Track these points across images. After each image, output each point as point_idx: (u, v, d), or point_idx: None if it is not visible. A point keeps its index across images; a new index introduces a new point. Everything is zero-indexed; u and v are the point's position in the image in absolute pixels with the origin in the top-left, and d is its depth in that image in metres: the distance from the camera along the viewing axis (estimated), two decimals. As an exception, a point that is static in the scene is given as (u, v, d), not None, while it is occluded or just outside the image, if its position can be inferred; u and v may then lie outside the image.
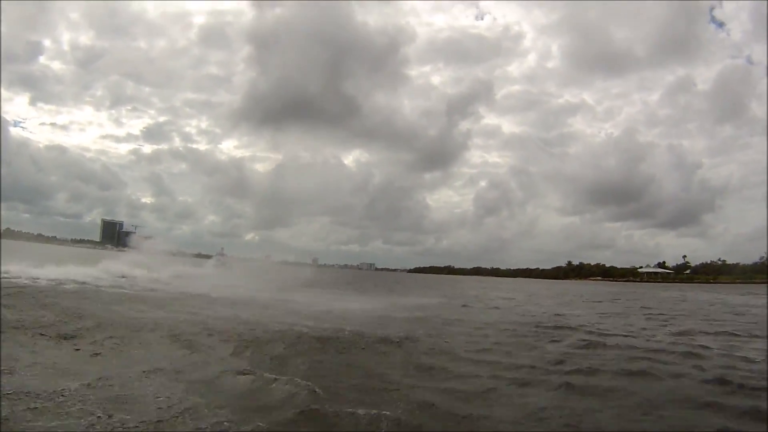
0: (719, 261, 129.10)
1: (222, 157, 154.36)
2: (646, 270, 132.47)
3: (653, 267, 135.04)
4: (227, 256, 43.46)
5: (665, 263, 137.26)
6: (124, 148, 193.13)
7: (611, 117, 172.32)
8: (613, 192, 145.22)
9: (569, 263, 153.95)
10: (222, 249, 43.08)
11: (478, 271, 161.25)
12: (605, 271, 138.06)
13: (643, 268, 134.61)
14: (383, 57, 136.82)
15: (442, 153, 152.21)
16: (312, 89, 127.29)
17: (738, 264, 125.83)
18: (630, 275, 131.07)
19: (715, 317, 20.04)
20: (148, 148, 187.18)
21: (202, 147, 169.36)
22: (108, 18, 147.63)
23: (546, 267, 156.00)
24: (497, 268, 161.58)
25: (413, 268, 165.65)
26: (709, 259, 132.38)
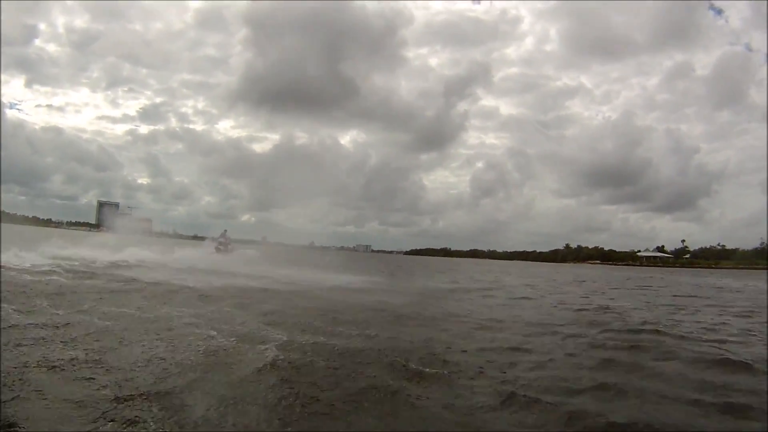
0: (719, 246, 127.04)
1: (218, 137, 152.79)
2: (645, 254, 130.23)
3: (652, 251, 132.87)
4: (230, 239, 39.26)
5: (664, 247, 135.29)
6: (120, 128, 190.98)
7: (609, 100, 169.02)
8: (610, 175, 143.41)
9: (567, 246, 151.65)
10: (225, 231, 39.48)
11: (474, 254, 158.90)
12: (604, 255, 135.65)
13: (642, 252, 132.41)
14: (381, 39, 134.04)
15: (439, 134, 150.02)
16: (309, 70, 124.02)
17: (737, 249, 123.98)
18: (629, 259, 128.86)
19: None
20: (144, 128, 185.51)
21: (198, 127, 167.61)
22: (103, 1, 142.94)
23: (542, 249, 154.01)
24: (494, 250, 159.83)
25: (409, 249, 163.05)
26: (706, 244, 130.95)
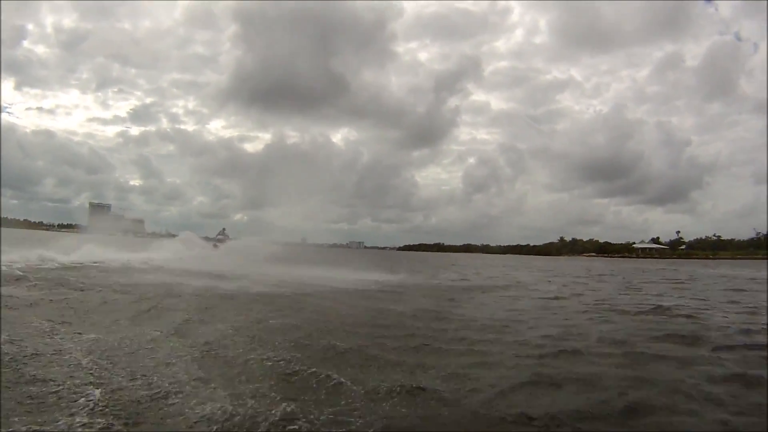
0: (714, 236, 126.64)
1: (210, 138, 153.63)
2: (641, 246, 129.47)
3: (647, 243, 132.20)
4: (227, 237, 37.93)
5: (659, 239, 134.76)
6: (111, 130, 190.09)
7: (599, 93, 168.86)
8: (602, 168, 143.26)
9: (562, 239, 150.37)
10: (224, 229, 38.42)
11: (468, 248, 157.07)
12: (600, 247, 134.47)
13: (638, 243, 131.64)
14: (370, 33, 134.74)
15: (430, 130, 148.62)
16: (299, 67, 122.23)
17: (733, 240, 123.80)
18: (625, 251, 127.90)
19: None
20: (135, 130, 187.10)
21: (189, 128, 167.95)
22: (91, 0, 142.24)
23: (535, 243, 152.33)
24: (487, 244, 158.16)
25: (402, 245, 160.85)
26: (699, 236, 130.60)
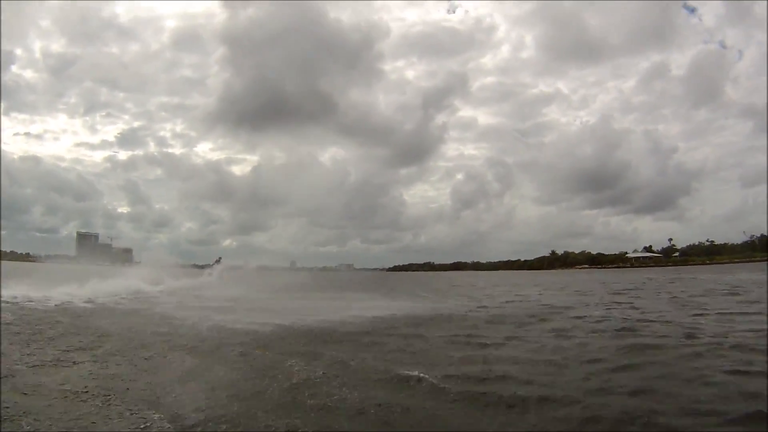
0: (707, 242, 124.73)
1: (198, 161, 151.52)
2: (634, 255, 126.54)
3: (641, 252, 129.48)
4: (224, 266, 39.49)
5: (651, 247, 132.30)
6: (99, 155, 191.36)
7: (586, 105, 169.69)
8: (590, 179, 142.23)
9: (553, 252, 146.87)
10: (220, 258, 38.23)
11: (458, 266, 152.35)
12: (593, 259, 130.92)
13: (631, 253, 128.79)
14: (357, 53, 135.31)
15: (418, 147, 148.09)
16: (287, 88, 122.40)
17: (726, 244, 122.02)
18: (619, 261, 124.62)
19: None
20: (123, 154, 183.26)
21: (177, 151, 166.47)
22: (79, 24, 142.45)
23: (525, 257, 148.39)
24: (478, 261, 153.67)
25: (392, 266, 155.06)
26: (690, 242, 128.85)
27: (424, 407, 6.04)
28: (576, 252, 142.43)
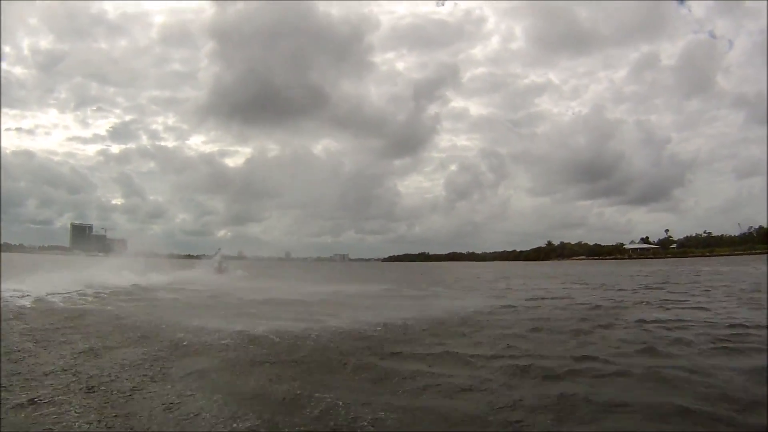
0: (704, 233, 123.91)
1: (190, 153, 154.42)
2: (632, 246, 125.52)
3: (638, 243, 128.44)
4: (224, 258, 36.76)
5: (648, 238, 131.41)
6: (91, 149, 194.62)
7: (578, 95, 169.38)
8: (583, 170, 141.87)
9: (549, 243, 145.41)
10: (220, 249, 39.40)
11: (453, 257, 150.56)
12: (590, 250, 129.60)
13: (628, 244, 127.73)
14: (348, 46, 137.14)
15: (411, 138, 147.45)
16: (278, 81, 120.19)
17: (723, 236, 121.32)
18: (617, 253, 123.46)
19: None
20: (115, 148, 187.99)
21: (170, 144, 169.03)
22: (67, 21, 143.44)
23: (520, 248, 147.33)
24: (473, 252, 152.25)
25: (387, 257, 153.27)
26: (685, 233, 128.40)
27: None
28: (572, 243, 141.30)
